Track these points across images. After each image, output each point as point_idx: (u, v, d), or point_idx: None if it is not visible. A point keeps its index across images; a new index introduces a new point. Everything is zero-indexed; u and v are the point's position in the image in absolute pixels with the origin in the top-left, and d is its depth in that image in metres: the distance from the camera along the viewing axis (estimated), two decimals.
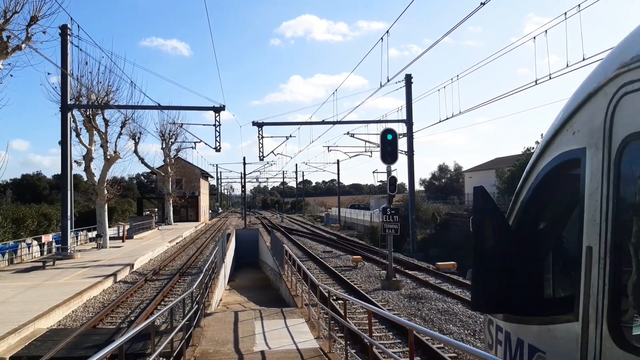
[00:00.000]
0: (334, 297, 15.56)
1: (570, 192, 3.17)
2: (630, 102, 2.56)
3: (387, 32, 18.16)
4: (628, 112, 2.57)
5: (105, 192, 32.80)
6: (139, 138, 46.46)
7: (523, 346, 3.45)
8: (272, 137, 74.98)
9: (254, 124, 31.73)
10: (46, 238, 32.19)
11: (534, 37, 18.34)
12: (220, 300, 20.46)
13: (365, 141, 38.99)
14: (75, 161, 31.06)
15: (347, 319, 10.57)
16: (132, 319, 15.90)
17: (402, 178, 38.32)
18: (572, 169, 3.08)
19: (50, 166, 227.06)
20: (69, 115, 27.71)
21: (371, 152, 43.18)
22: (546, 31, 17.87)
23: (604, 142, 2.71)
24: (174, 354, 9.39)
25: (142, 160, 51.69)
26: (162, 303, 18.22)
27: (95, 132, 32.46)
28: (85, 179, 35.18)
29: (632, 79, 2.54)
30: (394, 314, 13.97)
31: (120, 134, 35.94)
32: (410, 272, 23.19)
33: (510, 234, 3.55)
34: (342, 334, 11.24)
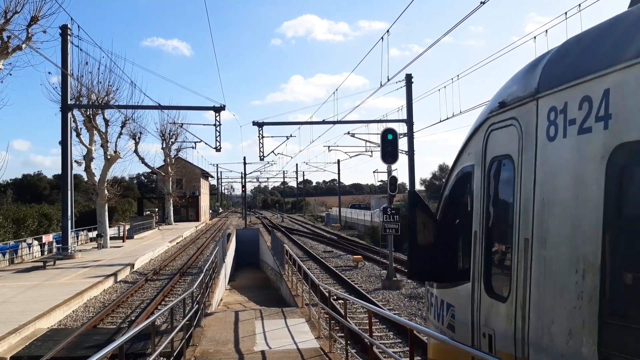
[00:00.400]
0: (335, 297, 15.55)
1: (468, 193, 4.58)
2: (494, 136, 4.12)
3: (388, 31, 18.14)
4: (493, 142, 4.14)
5: (106, 192, 32.81)
6: (139, 138, 46.51)
7: (444, 304, 4.92)
8: (272, 137, 75.11)
9: (254, 123, 31.68)
10: (47, 238, 32.20)
11: (535, 37, 18.31)
12: (221, 300, 20.46)
13: (366, 141, 38.99)
14: (75, 161, 31.10)
15: (348, 318, 10.57)
16: (133, 318, 15.90)
17: (403, 178, 38.29)
18: (468, 177, 4.55)
19: (51, 166, 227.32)
20: (69, 115, 27.69)
21: (372, 151, 43.19)
22: (546, 31, 17.83)
23: (482, 161, 4.24)
24: (175, 354, 9.39)
25: (142, 160, 51.73)
26: (163, 303, 18.22)
27: (95, 132, 32.47)
28: (86, 178, 35.20)
29: (495, 121, 4.11)
30: (395, 314, 13.97)
31: (121, 133, 36.02)
32: None
33: (436, 224, 4.90)
34: (342, 334, 11.24)
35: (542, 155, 3.50)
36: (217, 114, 29.61)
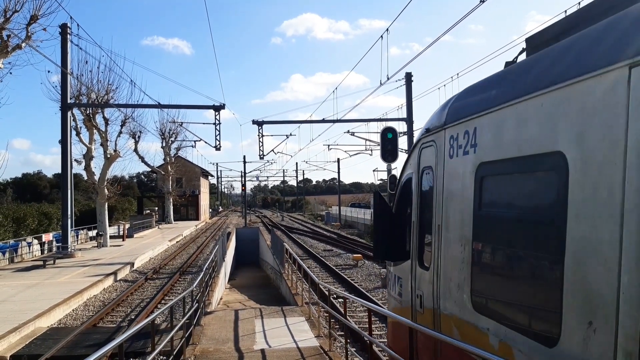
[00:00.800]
0: (334, 296, 15.56)
1: (410, 194, 6.16)
2: (424, 152, 5.69)
3: (387, 30, 18.10)
4: (423, 157, 5.74)
5: (106, 191, 32.80)
6: (139, 137, 46.46)
7: (395, 278, 6.66)
8: (272, 135, 75.16)
9: (254, 122, 31.67)
10: (46, 237, 32.20)
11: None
12: (221, 298, 20.47)
13: (366, 139, 39.00)
14: (75, 160, 31.09)
15: (348, 317, 10.57)
16: (133, 317, 15.91)
17: None
18: (410, 182, 6.20)
19: (51, 165, 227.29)
20: (69, 114, 27.68)
21: (372, 150, 43.21)
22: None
23: (417, 170, 5.86)
24: (174, 353, 9.38)
25: (142, 159, 51.70)
26: (163, 302, 18.22)
27: (95, 130, 32.46)
28: (86, 177, 35.17)
29: (424, 142, 5.69)
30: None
31: (120, 132, 36.01)
32: None
33: (392, 216, 6.58)
34: (342, 332, 11.25)
35: (446, 167, 5.15)
36: (216, 113, 29.61)
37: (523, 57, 4.91)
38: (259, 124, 31.83)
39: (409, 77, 29.03)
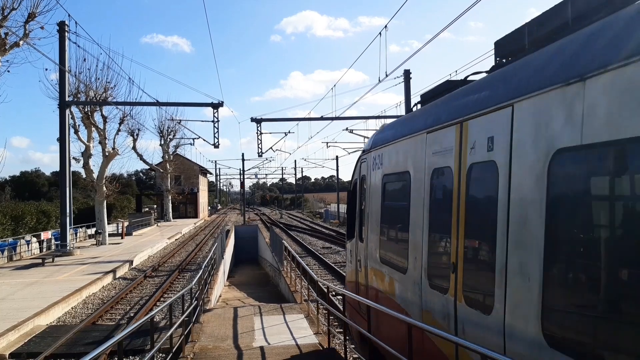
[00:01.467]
0: (333, 293, 15.58)
1: (356, 193, 9.72)
2: (362, 165, 9.33)
3: (386, 27, 18.06)
4: (362, 168, 9.34)
5: (104, 188, 32.76)
6: (137, 135, 46.36)
7: (349, 251, 10.32)
8: (271, 133, 74.90)
9: (252, 120, 31.62)
10: (45, 235, 32.19)
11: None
12: (220, 296, 20.47)
13: (364, 137, 38.91)
14: (73, 158, 31.02)
15: (346, 314, 10.58)
16: (132, 315, 15.91)
17: None
18: (355, 184, 9.79)
19: (50, 163, 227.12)
20: (68, 112, 27.63)
21: None
22: None
23: (359, 177, 9.52)
24: (174, 350, 9.38)
25: (140, 156, 51.58)
26: (162, 299, 18.24)
27: (93, 128, 32.41)
28: (84, 175, 35.15)
29: (362, 158, 9.32)
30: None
31: (119, 130, 35.99)
32: None
33: (359, 209, 9.39)
34: (341, 329, 11.25)
35: (371, 176, 8.51)
36: (215, 111, 29.59)
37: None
38: (258, 121, 31.79)
39: (407, 74, 28.99)
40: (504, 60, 5.82)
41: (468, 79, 6.61)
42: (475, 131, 5.14)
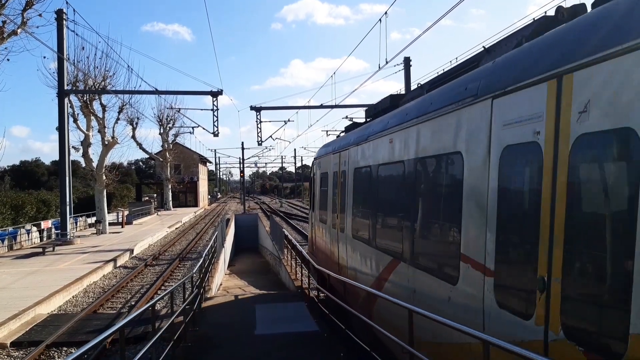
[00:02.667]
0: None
1: (313, 183, 17.26)
2: (314, 166, 17.21)
3: (386, 13, 17.90)
4: (314, 168, 17.17)
5: (104, 177, 32.70)
6: (136, 123, 46.26)
7: (309, 218, 18.69)
8: (270, 121, 74.85)
9: (252, 108, 31.47)
10: (45, 224, 32.19)
11: (534, 19, 18.17)
12: (221, 284, 20.49)
13: None
14: (73, 147, 30.88)
15: (348, 300, 10.58)
16: (133, 303, 15.93)
17: None
18: (314, 178, 17.18)
19: (50, 152, 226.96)
20: (66, 100, 27.50)
21: None
22: (545, 12, 17.69)
23: (317, 172, 16.33)
24: (175, 338, 9.39)
25: (140, 145, 51.48)
26: (163, 288, 18.26)
27: (92, 117, 32.27)
28: (84, 164, 35.06)
29: (315, 162, 17.00)
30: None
31: (118, 119, 35.80)
32: None
33: (311, 192, 17.70)
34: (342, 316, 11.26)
35: (316, 175, 16.50)
36: (214, 99, 29.46)
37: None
38: (257, 109, 31.66)
39: (407, 62, 28.84)
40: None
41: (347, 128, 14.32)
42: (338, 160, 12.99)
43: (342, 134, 14.01)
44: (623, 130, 3.38)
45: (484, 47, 6.42)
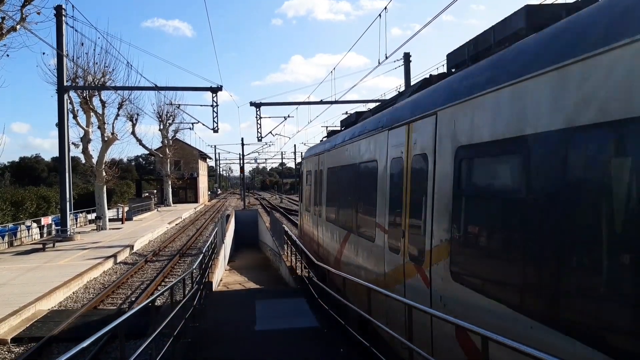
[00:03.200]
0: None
1: (303, 178, 20.13)
2: (303, 165, 20.48)
3: (386, 8, 17.88)
4: (305, 165, 19.35)
5: (104, 173, 32.67)
6: (136, 119, 46.10)
7: (299, 208, 22.40)
8: (270, 117, 74.69)
9: (251, 104, 31.44)
10: (45, 220, 32.20)
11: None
12: (221, 280, 20.52)
13: None
14: (72, 143, 30.84)
15: (347, 295, 10.59)
16: (133, 299, 15.96)
17: None
18: (303, 174, 19.94)
19: (50, 149, 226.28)
20: (66, 97, 27.47)
21: None
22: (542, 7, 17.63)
23: (305, 170, 19.20)
24: (175, 334, 9.40)
25: (139, 141, 51.40)
26: (163, 284, 18.28)
27: (92, 113, 32.21)
28: (84, 161, 35.04)
29: (304, 162, 20.34)
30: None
31: (118, 115, 35.76)
32: None
33: (301, 187, 20.97)
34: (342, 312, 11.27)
35: (305, 170, 18.91)
36: (214, 95, 29.44)
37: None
38: (257, 105, 31.63)
39: (407, 57, 28.79)
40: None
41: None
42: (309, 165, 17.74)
43: (325, 139, 17.46)
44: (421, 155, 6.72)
45: (398, 90, 11.73)
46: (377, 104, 30.57)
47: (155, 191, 70.34)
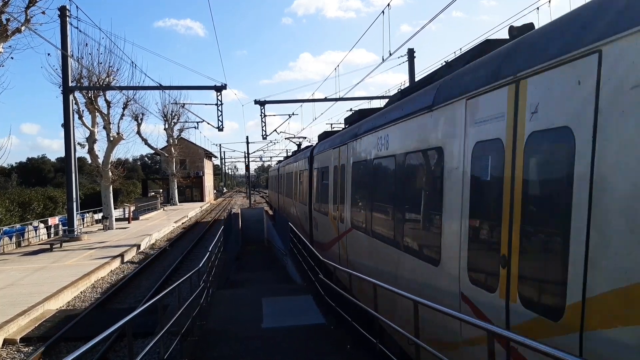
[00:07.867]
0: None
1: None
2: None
3: (389, 5, 17.84)
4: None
5: (110, 173, 32.80)
6: (141, 119, 46.24)
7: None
8: (275, 115, 74.71)
9: (256, 102, 31.46)
10: (52, 221, 32.35)
11: (538, 8, 18.02)
12: (227, 278, 20.55)
13: None
14: (78, 143, 30.98)
15: (354, 292, 10.59)
16: (140, 298, 16.02)
17: None
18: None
19: (59, 149, 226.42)
20: (71, 97, 27.56)
21: None
22: (550, 0, 17.54)
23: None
24: (182, 332, 9.44)
25: (145, 141, 51.53)
26: (169, 282, 18.33)
27: (97, 113, 32.33)
28: (90, 161, 35.16)
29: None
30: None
31: (123, 115, 35.83)
32: None
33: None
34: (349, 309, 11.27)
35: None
36: (218, 93, 29.46)
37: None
38: (261, 103, 31.65)
39: (411, 53, 28.74)
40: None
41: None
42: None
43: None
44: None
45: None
46: (386, 100, 30.37)
47: (161, 190, 70.47)
